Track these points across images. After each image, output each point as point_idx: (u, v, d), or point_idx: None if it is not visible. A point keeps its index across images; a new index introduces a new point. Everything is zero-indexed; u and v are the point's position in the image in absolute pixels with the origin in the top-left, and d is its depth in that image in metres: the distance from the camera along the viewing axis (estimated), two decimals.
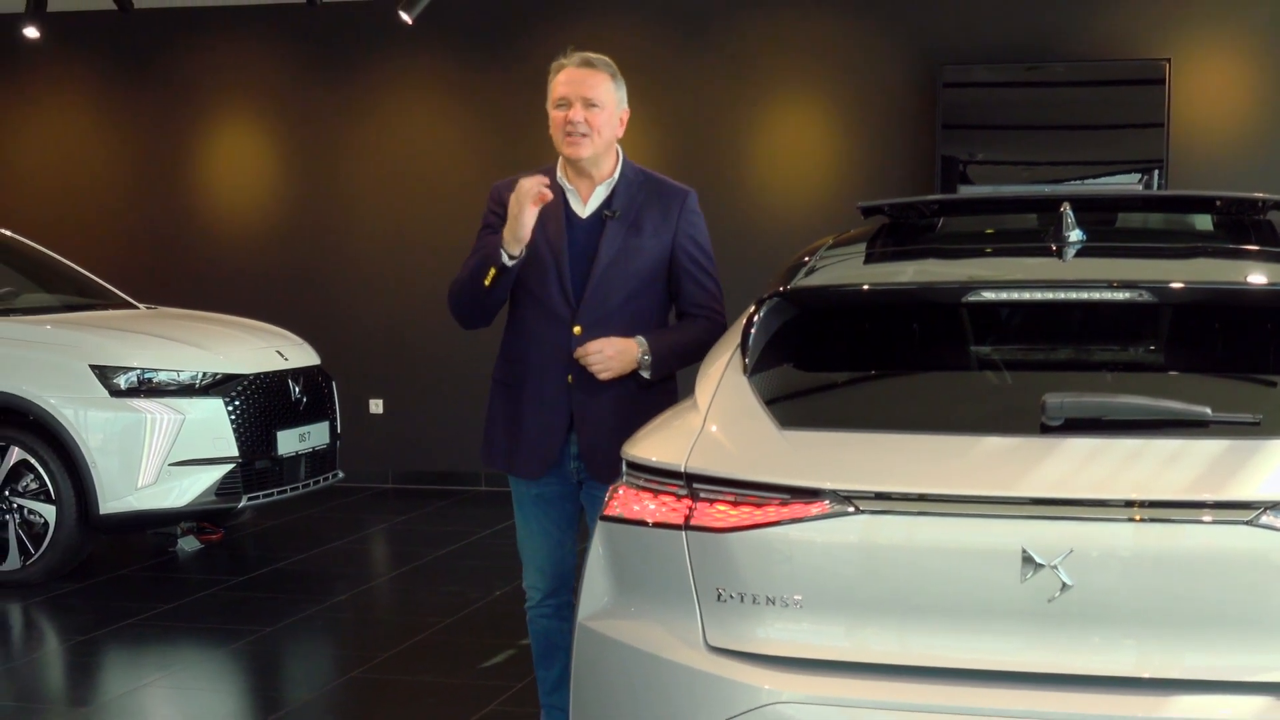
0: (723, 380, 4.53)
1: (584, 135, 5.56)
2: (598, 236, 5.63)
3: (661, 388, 5.68)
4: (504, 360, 5.83)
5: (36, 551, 10.23)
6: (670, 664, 4.18)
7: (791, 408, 4.40)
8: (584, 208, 5.70)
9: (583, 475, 5.67)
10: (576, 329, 5.55)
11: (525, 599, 5.96)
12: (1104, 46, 12.87)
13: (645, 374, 5.56)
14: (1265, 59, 12.65)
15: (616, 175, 5.73)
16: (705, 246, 5.83)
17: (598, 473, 5.55)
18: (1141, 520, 3.86)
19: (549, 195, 5.42)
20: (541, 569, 5.83)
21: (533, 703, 5.84)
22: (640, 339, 5.54)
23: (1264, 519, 3.78)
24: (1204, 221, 5.50)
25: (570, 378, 5.58)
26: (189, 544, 11.58)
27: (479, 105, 14.00)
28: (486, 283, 5.57)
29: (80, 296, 12.02)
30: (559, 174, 5.73)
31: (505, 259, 5.49)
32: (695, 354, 5.41)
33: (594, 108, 5.58)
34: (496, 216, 5.64)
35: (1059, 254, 4.83)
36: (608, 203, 5.68)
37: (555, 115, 5.66)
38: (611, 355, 5.47)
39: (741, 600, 4.13)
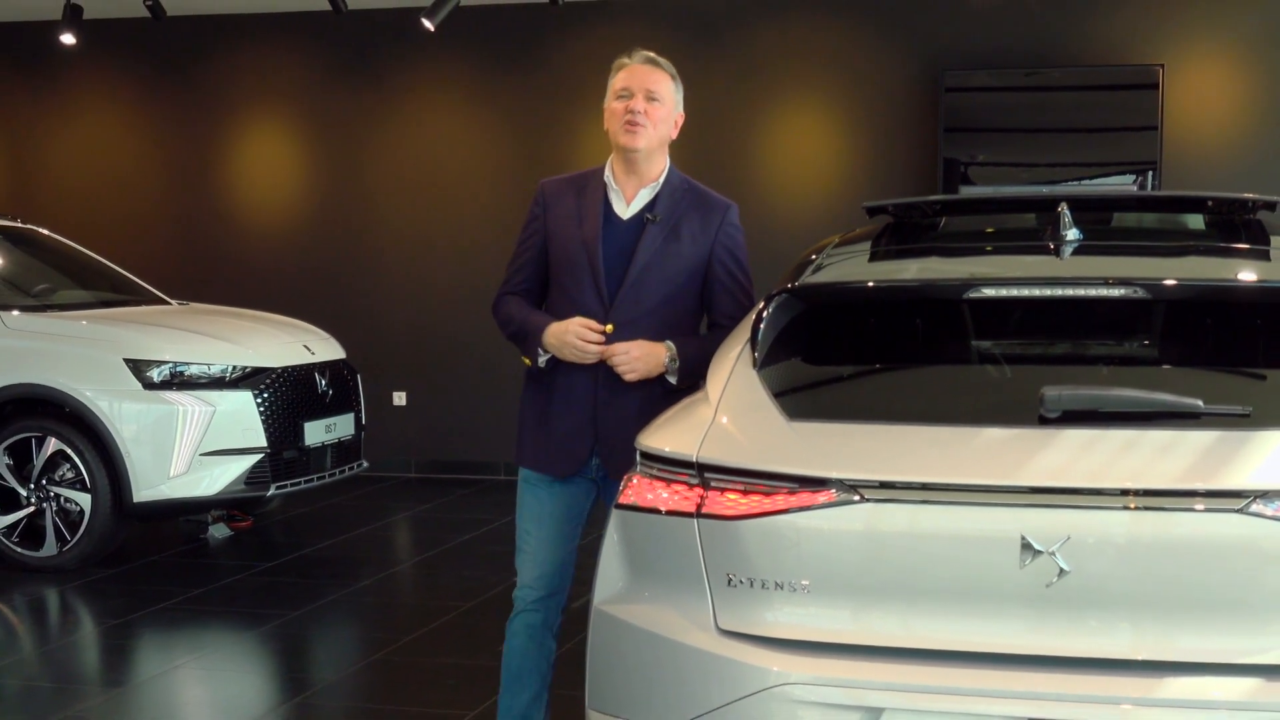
0: (733, 374, 4.53)
1: (642, 125, 5.43)
2: (636, 238, 5.48)
3: (684, 394, 5.19)
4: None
5: (72, 538, 10.25)
6: (682, 646, 4.18)
7: (799, 400, 4.40)
8: (626, 208, 5.54)
9: (601, 474, 5.52)
10: (609, 327, 5.38)
11: (511, 609, 5.68)
12: (1100, 53, 12.87)
13: (672, 379, 5.38)
14: (1255, 65, 12.64)
15: (662, 180, 5.58)
16: (743, 261, 5.72)
17: (617, 472, 5.25)
18: (1136, 508, 3.86)
19: (592, 358, 5.36)
20: (539, 564, 5.59)
21: (556, 682, 5.61)
22: (669, 344, 5.37)
23: (1254, 507, 3.78)
24: (1196, 221, 5.49)
25: (598, 376, 5.44)
26: (219, 531, 11.61)
27: (498, 108, 14.00)
28: (526, 360, 5.59)
29: (115, 293, 12.03)
30: (606, 172, 5.60)
31: (540, 359, 5.47)
32: None
33: (655, 101, 5.48)
34: (540, 212, 5.63)
35: (1057, 252, 4.83)
36: (650, 206, 5.53)
37: (615, 106, 5.50)
38: (638, 356, 5.32)
39: (751, 585, 4.13)
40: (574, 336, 5.32)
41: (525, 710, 5.64)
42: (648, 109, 5.44)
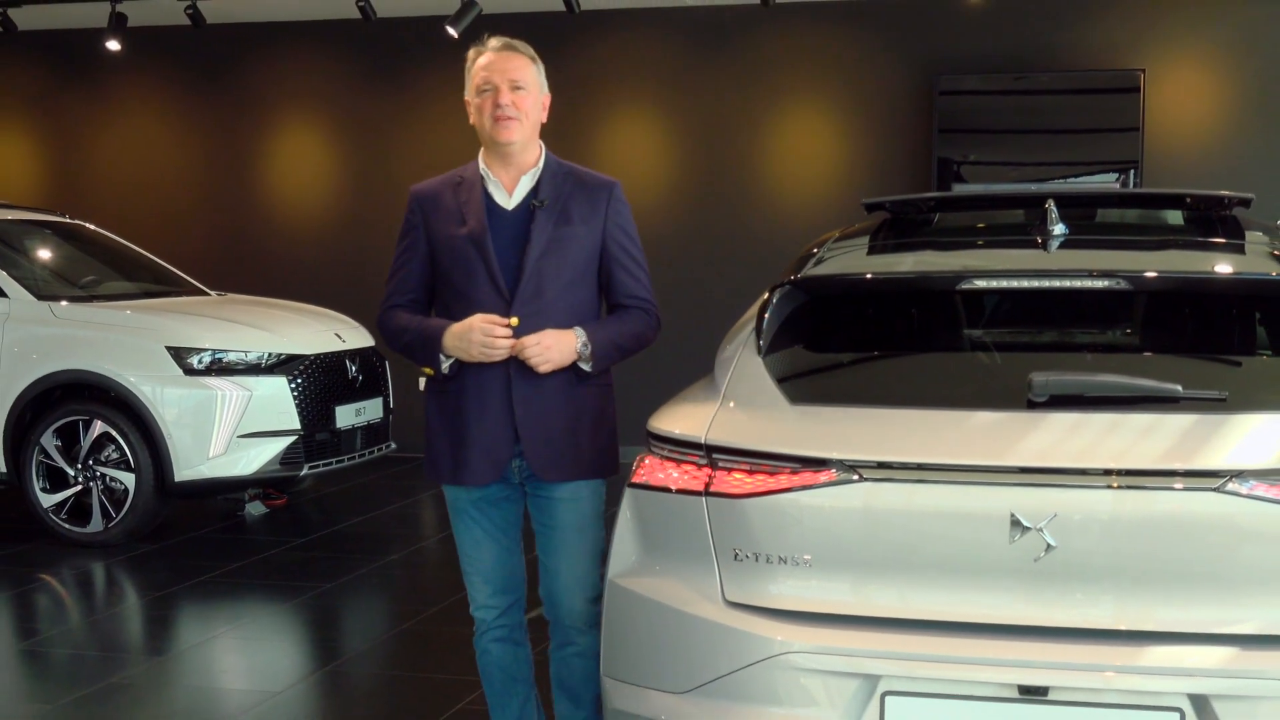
0: (739, 360, 4.53)
1: (513, 118, 4.98)
2: (526, 227, 5.02)
3: (599, 381, 5.11)
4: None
5: (117, 515, 10.28)
6: (691, 617, 4.18)
7: (801, 385, 4.40)
8: (508, 198, 5.07)
9: (525, 475, 5.05)
10: (513, 320, 4.88)
11: (474, 629, 5.30)
12: (1084, 58, 12.86)
13: (585, 366, 4.97)
14: (1231, 70, 12.64)
15: (541, 165, 5.12)
16: (634, 237, 5.24)
17: (543, 470, 4.97)
18: (1119, 487, 3.86)
19: (501, 355, 4.87)
20: (492, 582, 5.18)
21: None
22: (578, 330, 4.96)
23: (1230, 486, 3.79)
24: (1175, 217, 5.48)
25: (509, 371, 4.95)
26: (255, 508, 11.62)
27: None
28: (426, 371, 5.12)
29: (157, 284, 12.05)
30: (480, 167, 5.15)
31: (443, 365, 4.99)
32: (634, 346, 5.11)
33: (520, 90, 5.00)
34: (418, 219, 5.16)
35: (1044, 246, 4.82)
36: (534, 192, 5.07)
37: (479, 102, 5.07)
38: (549, 345, 4.86)
39: (756, 559, 4.13)
40: (479, 334, 4.83)
41: (521, 714, 5.34)
42: (515, 99, 4.99)
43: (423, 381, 5.64)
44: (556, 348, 4.90)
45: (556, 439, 4.96)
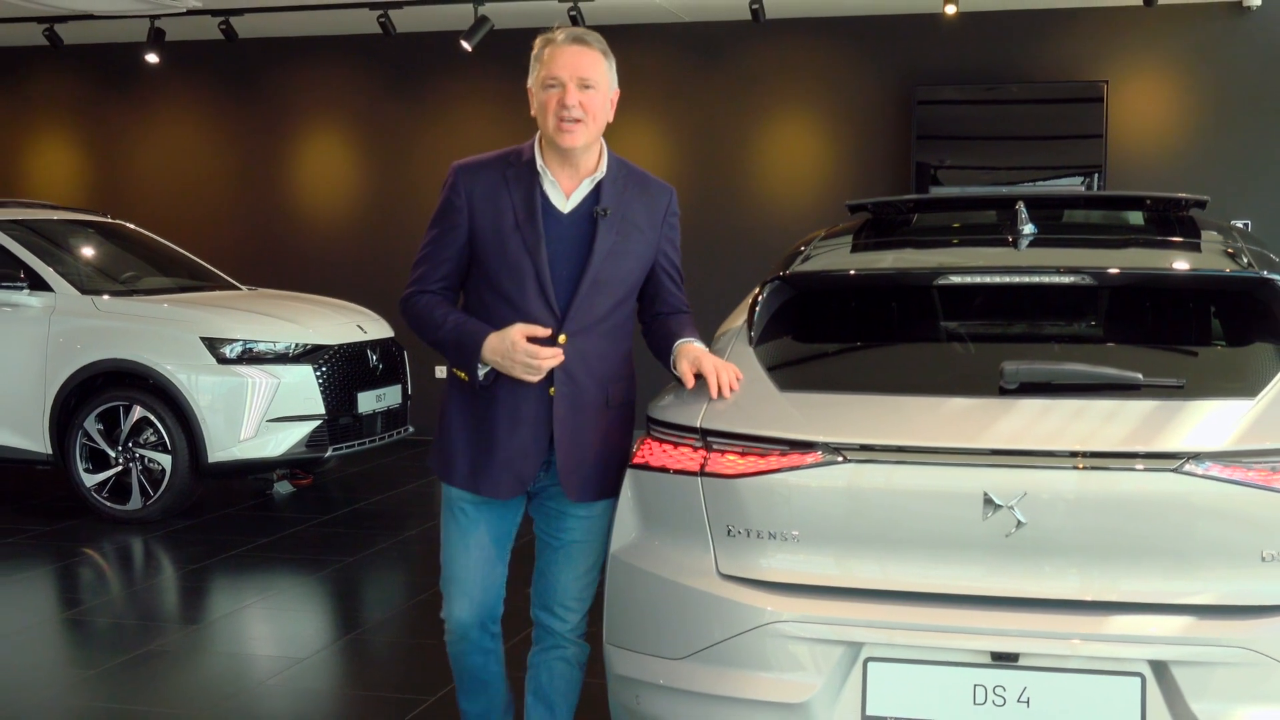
0: (731, 350, 4.52)
1: (578, 121, 4.31)
2: (584, 236, 4.39)
3: (625, 402, 4.61)
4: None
5: (155, 494, 10.28)
6: (688, 589, 4.18)
7: (790, 373, 4.39)
8: (566, 201, 4.41)
9: (547, 482, 4.54)
10: (562, 338, 4.34)
11: (445, 629, 4.75)
12: (1052, 70, 12.86)
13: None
14: (1188, 81, 12.64)
15: (604, 169, 4.46)
16: (678, 249, 4.69)
17: (573, 491, 4.49)
18: (1084, 468, 3.85)
19: (541, 375, 4.31)
20: (469, 595, 4.61)
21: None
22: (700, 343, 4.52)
23: (1187, 467, 3.79)
24: (1136, 217, 5.47)
25: (553, 390, 4.38)
26: (283, 488, 11.61)
27: (528, 120, 13.91)
28: (458, 373, 4.49)
29: (192, 280, 12.03)
30: (538, 160, 4.45)
31: (480, 374, 4.38)
32: None
33: (589, 89, 4.33)
34: (462, 202, 4.47)
35: (1014, 244, 4.82)
36: (594, 197, 4.43)
37: (545, 97, 4.38)
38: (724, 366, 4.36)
39: (747, 535, 4.13)
40: (524, 355, 4.23)
41: (486, 711, 4.84)
42: (583, 100, 4.32)
43: (441, 370, 5.15)
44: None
45: (589, 460, 4.48)
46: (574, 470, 4.47)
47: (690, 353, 4.45)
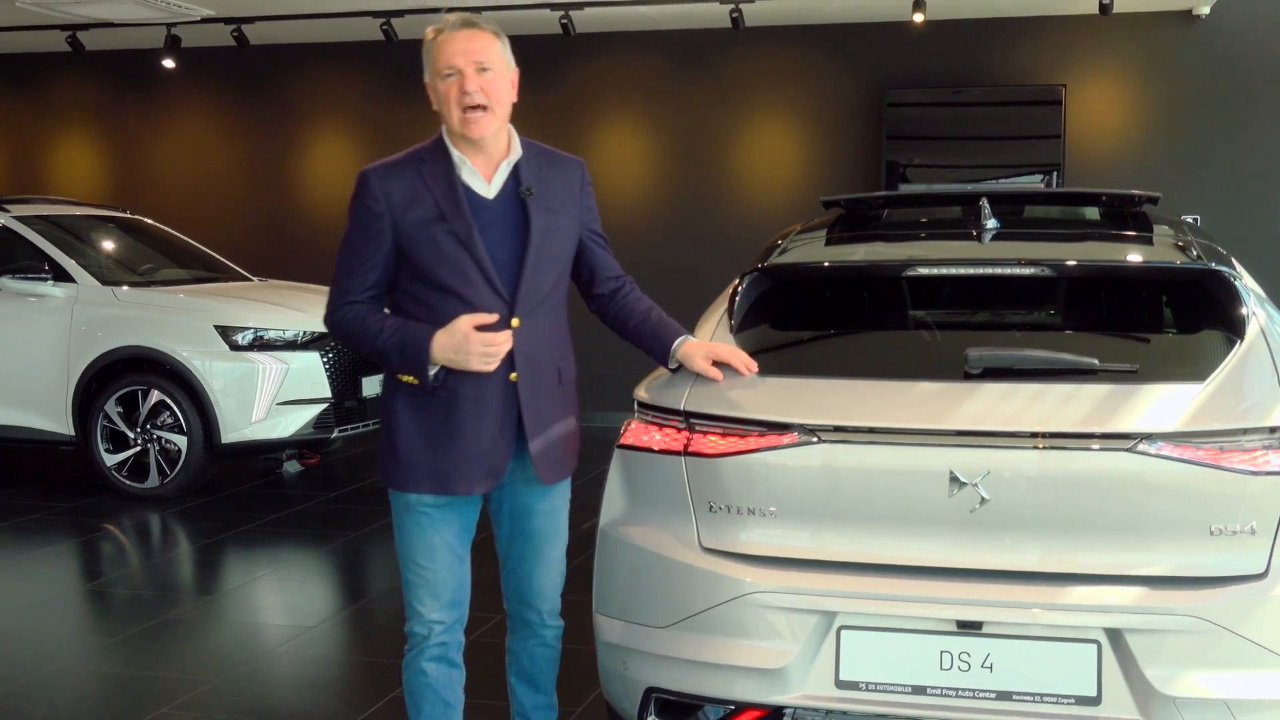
0: (713, 338, 4.51)
1: (483, 108, 4.04)
2: (516, 218, 4.12)
3: (571, 378, 4.37)
4: None
5: (172, 473, 10.27)
6: (672, 561, 4.17)
7: (768, 359, 4.38)
8: (488, 187, 4.12)
9: (518, 474, 4.29)
10: (515, 321, 4.08)
11: (406, 647, 4.40)
12: (1014, 75, 12.87)
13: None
14: (1140, 85, 12.66)
15: (518, 150, 4.20)
16: (599, 217, 4.46)
17: (546, 474, 4.27)
18: (1044, 448, 3.86)
19: (499, 359, 4.04)
20: (441, 596, 4.30)
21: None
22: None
23: (1140, 447, 3.80)
24: (1092, 213, 5.47)
25: (514, 376, 4.11)
26: (292, 467, 11.61)
27: (524, 119, 13.81)
28: (404, 378, 4.15)
29: (206, 271, 12.02)
30: (451, 150, 4.15)
31: (431, 375, 4.06)
32: None
33: (486, 72, 4.05)
34: (382, 207, 4.08)
35: (978, 238, 4.82)
36: (515, 180, 4.16)
37: (444, 88, 4.09)
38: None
39: (728, 511, 4.12)
40: (479, 345, 3.97)
41: None
42: (482, 84, 4.05)
43: (380, 380, 4.65)
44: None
45: (556, 441, 4.29)
46: (545, 452, 4.25)
47: (699, 348, 4.33)
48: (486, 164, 4.17)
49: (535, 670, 4.58)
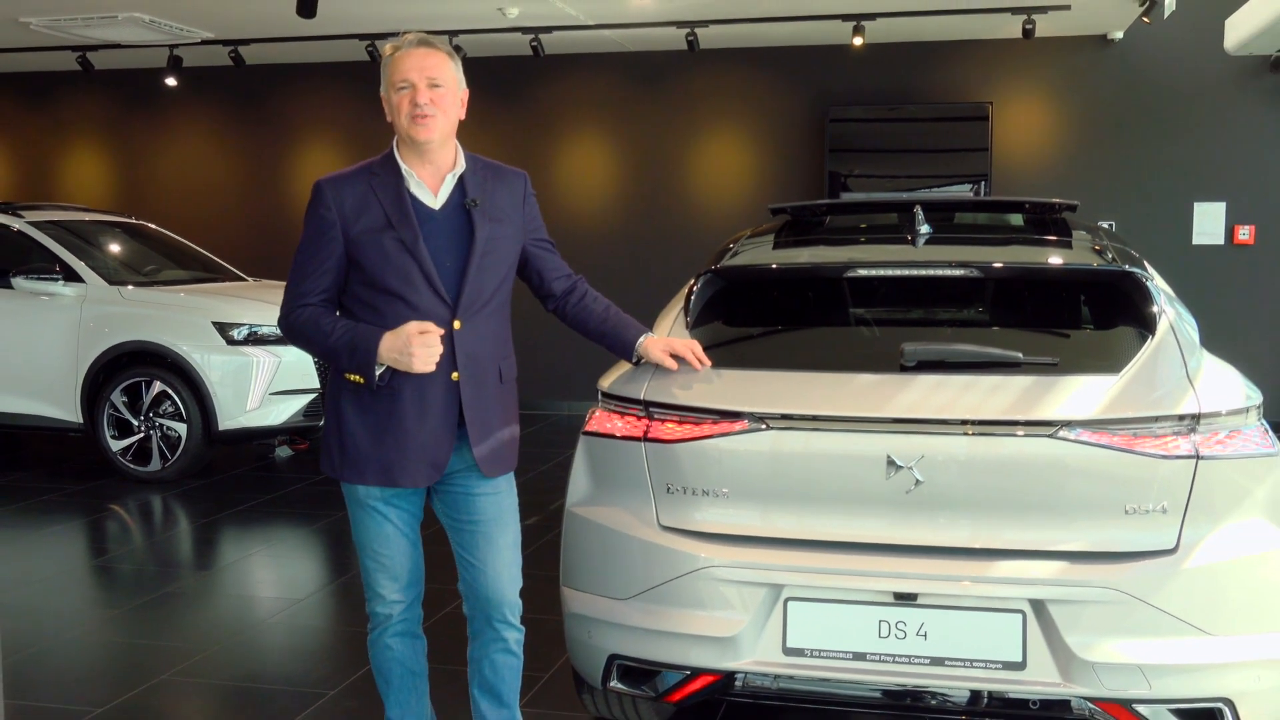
0: (670, 334, 4.50)
1: (431, 116, 4.04)
2: (461, 228, 4.07)
3: (512, 378, 4.24)
4: None
5: (172, 457, 10.20)
6: (633, 539, 4.16)
7: (721, 353, 4.37)
8: (434, 199, 4.08)
9: (452, 469, 4.17)
10: (456, 323, 4.01)
11: (369, 626, 4.35)
12: (945, 93, 12.89)
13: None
14: (1061, 103, 12.69)
15: (462, 163, 4.16)
16: (543, 224, 4.38)
17: (489, 467, 4.13)
18: (973, 434, 3.86)
19: (436, 359, 3.95)
20: (399, 579, 4.25)
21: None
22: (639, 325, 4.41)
23: (1060, 433, 3.82)
24: (1017, 219, 5.48)
25: (456, 375, 4.03)
26: (284, 452, 11.55)
27: (499, 133, 13.89)
28: (348, 375, 4.07)
29: (205, 272, 11.94)
30: (400, 163, 4.16)
31: (377, 374, 3.97)
32: None
33: (438, 87, 4.05)
34: (334, 215, 4.04)
35: (913, 242, 4.82)
36: (461, 192, 4.12)
37: (397, 99, 4.12)
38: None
39: (684, 492, 4.11)
40: (421, 348, 3.91)
41: (418, 711, 4.44)
42: (433, 97, 4.05)
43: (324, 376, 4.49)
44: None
45: (496, 436, 4.15)
46: (487, 447, 4.12)
47: (658, 343, 4.31)
48: (434, 176, 4.12)
49: (497, 680, 4.30)
